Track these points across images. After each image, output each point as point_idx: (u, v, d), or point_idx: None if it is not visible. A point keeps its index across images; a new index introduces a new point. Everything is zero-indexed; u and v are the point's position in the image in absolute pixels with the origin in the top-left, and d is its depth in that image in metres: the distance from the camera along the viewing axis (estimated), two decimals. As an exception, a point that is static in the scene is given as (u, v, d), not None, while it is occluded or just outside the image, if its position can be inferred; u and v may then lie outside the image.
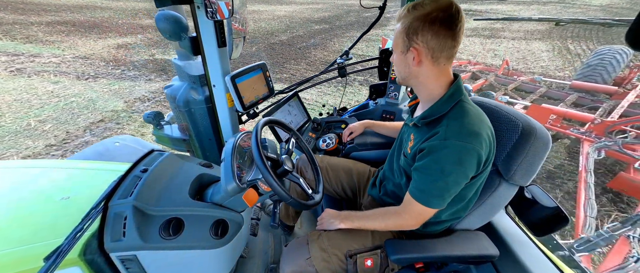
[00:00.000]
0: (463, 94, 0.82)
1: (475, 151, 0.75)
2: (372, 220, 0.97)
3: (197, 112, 1.58)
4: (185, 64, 1.57)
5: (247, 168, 1.00)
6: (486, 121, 0.81)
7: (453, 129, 0.76)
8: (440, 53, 0.76)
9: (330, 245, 1.00)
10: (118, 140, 1.75)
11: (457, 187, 0.80)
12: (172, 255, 0.87)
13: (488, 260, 0.95)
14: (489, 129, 0.81)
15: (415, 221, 0.88)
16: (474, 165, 0.77)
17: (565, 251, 1.76)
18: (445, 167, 0.76)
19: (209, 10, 1.14)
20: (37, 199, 1.03)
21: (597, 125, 3.28)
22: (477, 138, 0.75)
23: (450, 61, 0.80)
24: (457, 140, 0.75)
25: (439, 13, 0.72)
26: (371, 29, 1.93)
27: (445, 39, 0.74)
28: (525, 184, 0.89)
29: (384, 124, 1.48)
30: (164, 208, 0.88)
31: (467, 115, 0.78)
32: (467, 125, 0.76)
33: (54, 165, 1.30)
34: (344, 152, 1.57)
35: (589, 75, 4.52)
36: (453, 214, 0.94)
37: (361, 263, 0.95)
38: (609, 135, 3.21)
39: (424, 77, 0.83)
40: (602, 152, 3.01)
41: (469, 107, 0.81)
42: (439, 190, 0.79)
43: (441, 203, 0.82)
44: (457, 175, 0.77)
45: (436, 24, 0.72)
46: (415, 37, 0.76)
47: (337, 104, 4.15)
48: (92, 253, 0.81)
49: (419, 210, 0.84)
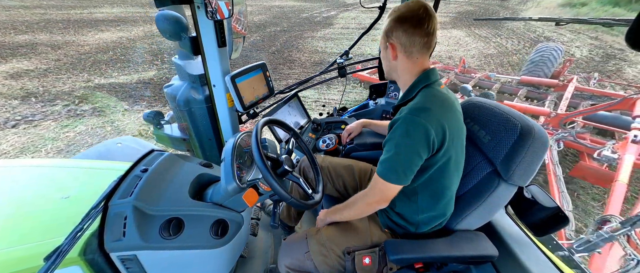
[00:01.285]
0: (430, 81, 0.89)
1: (422, 125, 0.80)
2: (348, 208, 1.01)
3: (197, 112, 1.58)
4: (186, 63, 1.57)
5: (247, 168, 1.00)
6: (446, 105, 0.87)
7: (409, 106, 0.86)
8: (412, 47, 0.87)
9: (329, 240, 1.02)
10: (120, 141, 1.76)
11: (410, 163, 0.84)
12: (172, 255, 0.87)
13: (488, 260, 0.95)
14: (447, 110, 0.86)
15: (378, 197, 0.91)
16: (422, 140, 0.81)
17: (565, 251, 1.76)
18: (397, 139, 0.83)
19: (209, 10, 1.14)
20: (37, 198, 1.03)
21: (553, 118, 3.50)
22: (424, 112, 0.81)
23: (424, 54, 0.89)
24: (408, 114, 0.83)
25: (408, 14, 0.84)
26: (371, 28, 1.93)
27: (414, 35, 0.84)
28: (524, 184, 0.89)
29: (380, 122, 1.50)
30: (164, 208, 0.88)
31: (427, 97, 0.86)
32: (419, 102, 0.85)
33: (54, 164, 1.30)
34: (344, 152, 1.57)
35: (532, 70, 5.00)
36: (437, 211, 0.96)
37: (359, 260, 0.96)
38: (564, 127, 3.44)
39: (400, 69, 0.94)
40: (561, 143, 3.19)
41: (434, 93, 0.87)
42: (392, 163, 0.84)
43: (398, 179, 0.85)
44: (407, 148, 0.82)
45: (406, 23, 0.84)
46: (391, 35, 0.89)
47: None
48: (92, 252, 0.81)
49: (381, 186, 0.89)
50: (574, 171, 3.03)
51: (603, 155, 2.80)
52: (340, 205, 1.05)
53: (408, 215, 0.99)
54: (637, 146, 2.79)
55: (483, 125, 0.97)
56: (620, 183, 2.41)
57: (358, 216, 1.03)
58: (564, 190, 2.54)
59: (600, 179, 2.87)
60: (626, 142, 2.84)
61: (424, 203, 0.95)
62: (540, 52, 5.13)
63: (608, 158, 2.76)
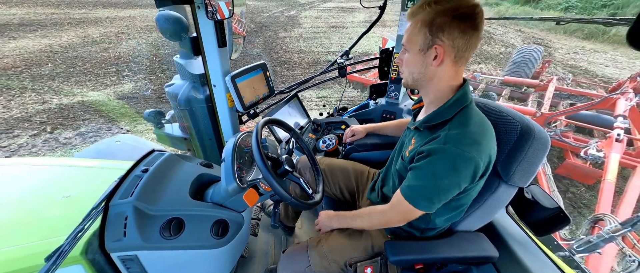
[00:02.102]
0: (469, 100, 0.79)
1: (473, 161, 0.72)
2: (360, 219, 0.97)
3: (198, 111, 1.58)
4: (187, 62, 1.57)
5: (248, 168, 1.00)
6: (490, 130, 0.79)
7: (454, 135, 0.74)
8: (465, 52, 0.73)
9: (330, 252, 1.00)
10: (119, 139, 1.76)
11: (447, 194, 0.78)
12: (173, 255, 0.87)
13: (488, 261, 0.95)
14: (492, 138, 0.78)
15: (400, 218, 0.87)
16: (469, 175, 0.74)
17: (565, 252, 1.75)
18: (439, 171, 0.74)
19: (209, 10, 1.14)
20: (38, 197, 1.03)
21: (538, 118, 3.55)
22: (476, 147, 0.72)
23: (464, 63, 0.77)
24: (456, 147, 0.72)
25: (466, 10, 0.68)
26: (371, 28, 1.93)
27: (471, 37, 0.70)
28: (524, 185, 0.89)
29: (386, 125, 1.46)
30: (164, 208, 0.88)
31: (470, 122, 0.76)
32: (468, 133, 0.74)
33: (55, 163, 1.30)
34: (344, 153, 1.57)
35: (515, 71, 5.19)
36: (447, 220, 0.94)
37: (361, 271, 0.94)
38: (548, 126, 3.52)
39: (438, 78, 0.79)
40: None
41: (474, 114, 0.78)
42: (428, 193, 0.78)
43: (429, 207, 0.80)
44: (449, 181, 0.75)
45: (466, 21, 0.68)
46: (441, 34, 0.71)
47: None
48: (93, 252, 0.81)
49: (406, 209, 0.82)
50: (561, 169, 3.12)
51: (589, 153, 2.86)
52: (351, 214, 1.00)
53: (417, 223, 0.96)
54: (621, 144, 2.88)
55: None
56: (608, 182, 2.46)
57: (371, 228, 1.00)
58: (554, 188, 2.59)
59: (585, 177, 2.98)
60: (610, 140, 2.93)
61: (436, 217, 0.92)
62: (521, 54, 5.32)
63: (594, 156, 2.83)
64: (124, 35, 8.16)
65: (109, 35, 8.10)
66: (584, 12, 12.68)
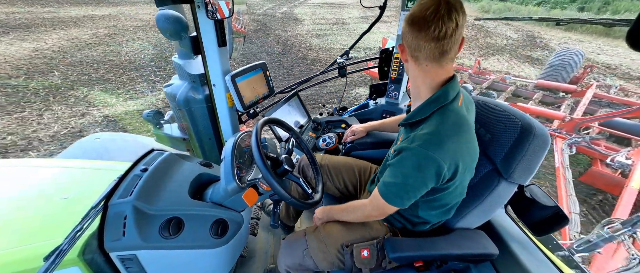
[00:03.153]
0: (448, 100, 0.79)
1: (435, 162, 0.74)
2: (346, 212, 1.02)
3: (197, 111, 1.57)
4: (186, 62, 1.56)
5: (247, 168, 1.00)
6: (465, 134, 0.79)
7: (422, 135, 0.77)
8: (418, 53, 0.76)
9: (328, 236, 1.02)
10: (98, 136, 1.78)
11: (416, 192, 0.81)
12: (172, 254, 0.87)
13: (487, 258, 0.95)
14: (463, 142, 0.78)
15: (377, 213, 0.92)
16: (432, 176, 0.76)
17: (565, 251, 1.76)
18: (406, 170, 0.78)
19: (209, 9, 1.14)
20: (36, 199, 1.03)
21: (567, 123, 3.47)
22: (440, 149, 0.74)
23: (435, 64, 0.77)
24: (421, 147, 0.75)
25: (416, 13, 0.72)
26: (371, 28, 1.93)
27: (419, 39, 0.73)
28: (524, 183, 0.89)
29: (386, 122, 1.47)
30: (163, 207, 0.88)
31: (442, 124, 0.77)
32: (436, 134, 0.76)
33: (53, 164, 1.30)
34: (344, 151, 1.57)
35: (551, 74, 4.92)
36: (437, 216, 0.96)
37: (358, 253, 0.96)
38: (578, 132, 3.40)
39: (411, 75, 0.86)
40: (573, 147, 3.17)
41: (451, 116, 0.78)
42: (397, 190, 0.82)
43: (400, 203, 0.84)
44: (415, 180, 0.78)
45: (413, 24, 0.73)
46: (404, 36, 0.79)
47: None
48: (91, 252, 0.81)
49: (381, 204, 0.87)
50: (585, 177, 2.98)
51: (616, 161, 2.76)
52: (339, 207, 1.05)
53: (407, 215, 1.00)
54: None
55: (483, 123, 0.97)
56: (631, 189, 2.37)
57: (356, 221, 1.04)
58: (572, 193, 2.52)
59: (611, 186, 2.78)
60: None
61: (423, 213, 0.95)
62: (560, 56, 4.99)
63: (621, 164, 2.71)
64: (119, 36, 7.65)
65: (101, 36, 7.45)
66: (556, 6, 14.00)
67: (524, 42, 9.23)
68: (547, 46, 8.71)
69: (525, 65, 6.98)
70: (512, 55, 7.72)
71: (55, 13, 9.61)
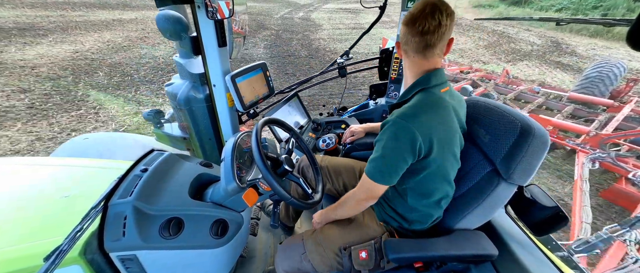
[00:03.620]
0: (430, 84, 0.88)
1: (409, 130, 0.80)
2: (340, 207, 1.03)
3: (197, 111, 1.57)
4: (187, 62, 1.56)
5: (247, 168, 1.00)
6: (441, 113, 0.87)
7: (401, 110, 0.86)
8: (407, 46, 0.88)
9: (325, 239, 1.02)
10: (87, 136, 1.78)
11: (396, 166, 0.85)
12: (172, 254, 0.87)
13: (487, 259, 0.95)
14: (438, 120, 0.85)
15: (366, 195, 0.93)
16: (408, 146, 0.82)
17: (564, 252, 1.76)
18: (385, 142, 0.84)
19: (209, 10, 1.14)
20: (37, 197, 1.03)
21: (592, 138, 3.37)
22: (413, 118, 0.82)
23: (420, 55, 0.87)
24: (397, 118, 0.83)
25: (409, 14, 0.84)
26: (371, 28, 1.93)
27: (407, 34, 0.85)
28: (524, 184, 0.89)
29: None
30: (164, 207, 0.88)
31: (420, 101, 0.86)
32: (412, 107, 0.85)
33: (53, 163, 1.30)
34: (344, 152, 1.57)
35: (586, 86, 4.54)
36: (429, 208, 0.96)
37: (356, 255, 0.96)
38: (603, 148, 3.28)
39: (405, 67, 0.96)
40: (596, 163, 3.10)
41: (428, 96, 0.87)
42: (379, 165, 0.86)
43: (383, 179, 0.87)
44: (393, 152, 0.83)
45: (404, 23, 0.85)
46: (400, 34, 0.90)
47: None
48: (92, 252, 0.81)
49: (368, 184, 0.90)
50: (606, 193, 2.90)
51: (638, 176, 2.72)
52: (333, 205, 1.06)
53: (401, 210, 1.01)
54: None
55: (483, 124, 0.98)
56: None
57: (351, 214, 1.04)
58: (587, 204, 2.52)
59: (632, 203, 2.70)
60: None
61: (413, 203, 0.96)
62: (598, 68, 4.58)
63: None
64: (149, 39, 7.72)
65: (133, 39, 7.56)
66: (577, 13, 13.54)
67: (549, 47, 9.16)
68: (574, 52, 8.58)
69: (557, 71, 6.89)
70: (541, 61, 7.65)
71: (86, 16, 9.85)
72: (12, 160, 1.46)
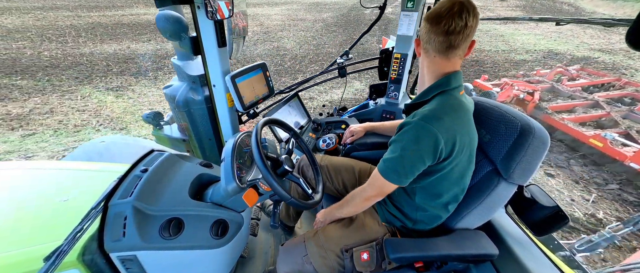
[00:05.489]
0: (451, 87, 0.86)
1: (433, 133, 0.78)
2: (346, 205, 1.03)
3: (196, 112, 1.58)
4: (185, 64, 1.57)
5: (247, 168, 1.00)
6: (463, 116, 0.85)
7: (423, 111, 0.84)
8: (428, 45, 0.86)
9: (327, 241, 1.02)
10: (103, 139, 1.78)
11: (413, 168, 0.83)
12: (172, 255, 0.86)
13: (488, 259, 0.95)
14: (461, 123, 0.84)
15: (376, 192, 0.93)
16: (430, 150, 0.80)
17: (566, 251, 1.75)
18: (405, 143, 0.82)
19: (209, 10, 1.14)
20: (36, 201, 1.03)
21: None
22: (437, 121, 0.79)
23: (443, 56, 0.84)
24: (421, 120, 0.81)
25: (433, 11, 0.81)
26: (371, 28, 1.93)
27: (430, 33, 0.82)
28: (524, 183, 0.89)
29: (384, 124, 1.48)
30: (164, 208, 0.88)
31: (443, 104, 0.84)
32: (435, 110, 0.82)
33: (52, 166, 1.30)
34: (344, 152, 1.57)
35: None
36: (435, 209, 0.96)
37: (358, 257, 0.96)
38: None
39: (423, 67, 0.93)
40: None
41: (451, 99, 0.85)
42: (396, 165, 0.84)
43: (398, 180, 0.86)
44: (413, 153, 0.81)
45: (427, 20, 0.83)
46: (420, 31, 0.88)
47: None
48: (91, 253, 0.81)
49: (381, 182, 0.89)
50: None
51: None
52: (338, 203, 1.05)
53: (406, 210, 1.00)
54: None
55: (483, 124, 0.97)
56: None
57: (357, 212, 1.04)
58: None
59: None
60: None
61: (421, 203, 0.96)
62: None
63: None
64: None
65: None
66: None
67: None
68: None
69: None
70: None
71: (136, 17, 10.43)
72: (11, 165, 1.46)
